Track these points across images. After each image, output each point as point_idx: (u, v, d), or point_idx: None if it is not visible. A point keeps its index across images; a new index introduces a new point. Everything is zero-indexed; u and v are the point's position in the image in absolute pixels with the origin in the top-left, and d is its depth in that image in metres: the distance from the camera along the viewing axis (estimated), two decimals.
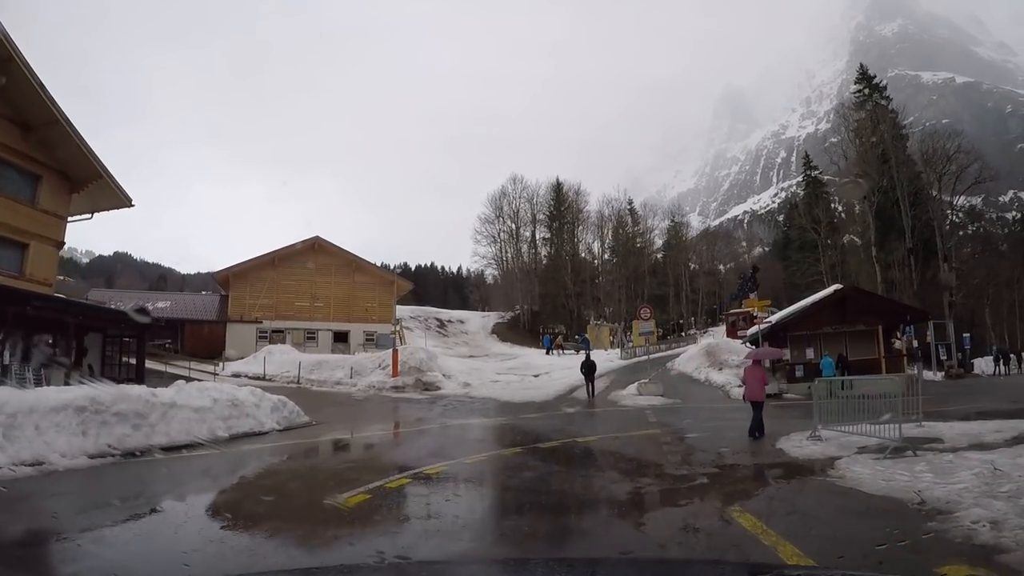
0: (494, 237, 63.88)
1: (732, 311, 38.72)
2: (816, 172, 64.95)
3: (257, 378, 25.70)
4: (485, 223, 63.73)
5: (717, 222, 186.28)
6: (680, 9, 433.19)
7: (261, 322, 38.88)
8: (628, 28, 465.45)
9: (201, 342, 36.40)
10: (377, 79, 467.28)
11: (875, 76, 51.04)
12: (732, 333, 34.38)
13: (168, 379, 19.44)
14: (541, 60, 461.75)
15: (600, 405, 18.52)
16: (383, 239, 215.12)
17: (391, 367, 25.17)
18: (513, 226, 63.36)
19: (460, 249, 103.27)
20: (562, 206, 62.40)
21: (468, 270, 72.51)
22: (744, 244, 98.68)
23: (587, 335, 42.09)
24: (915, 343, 24.35)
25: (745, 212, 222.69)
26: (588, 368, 20.62)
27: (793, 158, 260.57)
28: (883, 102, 49.26)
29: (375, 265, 42.33)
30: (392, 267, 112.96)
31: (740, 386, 21.89)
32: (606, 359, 33.98)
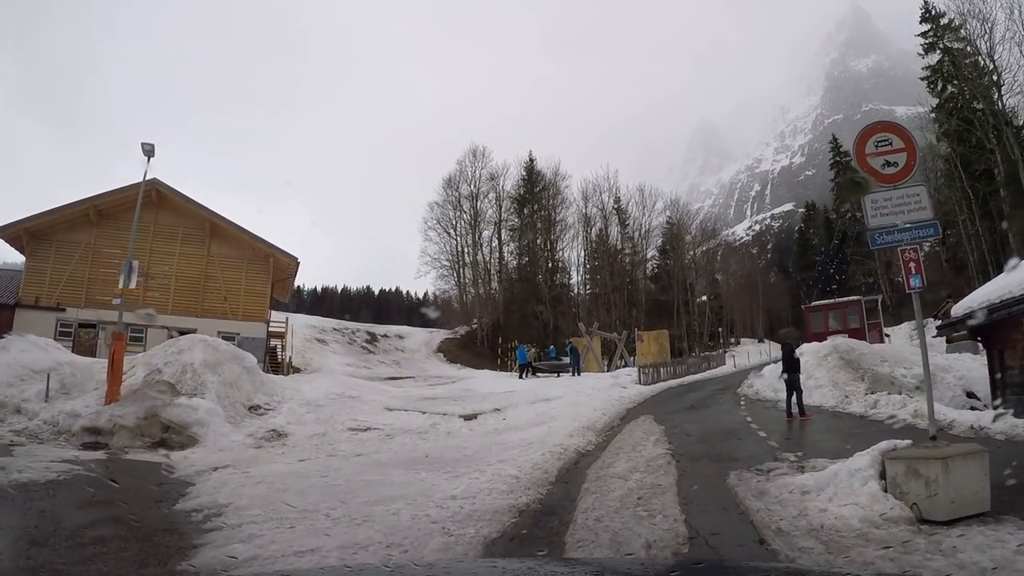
0: (447, 229, 48.84)
1: (817, 302, 25.35)
2: (846, 159, 53.15)
3: None
4: (437, 209, 48.84)
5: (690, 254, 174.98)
6: (653, 46, 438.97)
7: (64, 310, 24.40)
8: (600, 65, 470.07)
9: None
10: (352, 99, 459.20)
11: (944, 13, 38.78)
12: (818, 336, 20.51)
13: None
14: (513, 96, 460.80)
15: None
16: (347, 265, 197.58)
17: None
18: (472, 212, 48.30)
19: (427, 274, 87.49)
20: (536, 188, 47.71)
21: (434, 294, 58.07)
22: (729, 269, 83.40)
23: (573, 344, 27.44)
24: None
25: (719, 244, 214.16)
26: (791, 368, 10.65)
27: (767, 191, 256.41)
28: (958, 44, 37.23)
29: (246, 231, 27.12)
30: (353, 290, 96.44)
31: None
32: (613, 384, 19.44)
